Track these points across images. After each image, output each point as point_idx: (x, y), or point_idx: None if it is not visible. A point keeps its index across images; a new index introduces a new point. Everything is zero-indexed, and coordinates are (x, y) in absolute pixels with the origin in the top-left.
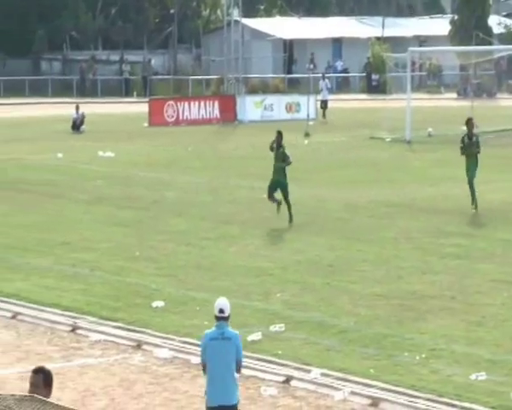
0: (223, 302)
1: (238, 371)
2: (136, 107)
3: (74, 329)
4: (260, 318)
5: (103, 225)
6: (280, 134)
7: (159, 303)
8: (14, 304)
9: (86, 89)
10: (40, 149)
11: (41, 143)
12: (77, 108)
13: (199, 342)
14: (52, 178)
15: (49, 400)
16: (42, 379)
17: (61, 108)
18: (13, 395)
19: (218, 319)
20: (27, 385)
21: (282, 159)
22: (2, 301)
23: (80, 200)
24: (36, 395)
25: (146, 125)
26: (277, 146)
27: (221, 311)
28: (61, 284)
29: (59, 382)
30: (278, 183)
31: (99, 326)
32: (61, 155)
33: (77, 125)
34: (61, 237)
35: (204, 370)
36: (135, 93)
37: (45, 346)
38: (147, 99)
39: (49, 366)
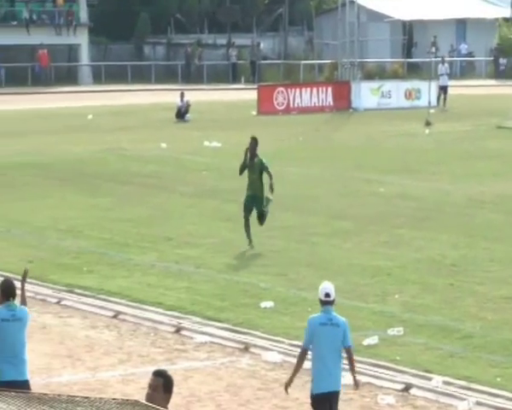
0: (328, 286)
1: (351, 360)
2: (244, 94)
3: (178, 330)
4: (377, 321)
5: (208, 220)
6: (255, 140)
7: (267, 303)
8: (116, 303)
9: (191, 75)
10: (143, 139)
11: (144, 132)
12: (181, 95)
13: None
14: (155, 170)
15: (151, 405)
16: (161, 383)
17: (165, 96)
18: (114, 399)
19: (323, 303)
20: (129, 388)
21: (259, 170)
22: (104, 300)
23: (184, 193)
24: (139, 400)
25: (254, 113)
26: (251, 155)
27: (327, 295)
28: (165, 282)
29: None
30: (255, 198)
31: (204, 327)
32: (165, 145)
33: (181, 113)
34: (164, 232)
35: (303, 354)
36: (243, 79)
37: (148, 347)
38: (255, 86)
39: (151, 368)
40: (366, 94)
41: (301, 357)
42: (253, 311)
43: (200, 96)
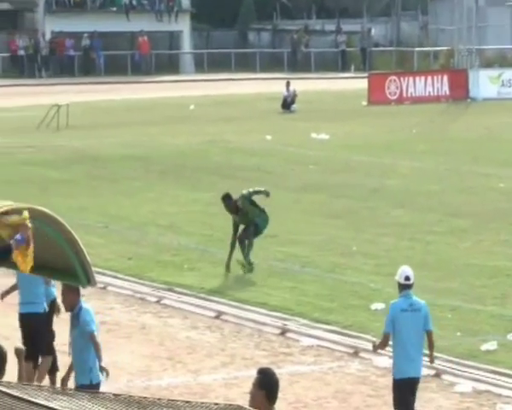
0: (408, 269)
1: (431, 344)
2: (354, 83)
3: (284, 332)
4: (496, 325)
5: (315, 216)
6: (227, 198)
7: (378, 305)
8: (218, 302)
9: (298, 63)
10: (246, 131)
11: (248, 123)
12: (287, 84)
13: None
14: (259, 163)
15: None
16: (257, 379)
17: (270, 85)
18: (217, 404)
19: (403, 287)
20: (232, 393)
21: (250, 218)
22: (206, 299)
23: (290, 187)
24: (242, 406)
25: (364, 103)
26: (235, 211)
27: (407, 278)
28: (269, 281)
29: None
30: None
31: (311, 330)
32: (270, 137)
33: (287, 103)
34: (269, 228)
35: (384, 341)
36: (352, 67)
37: (252, 350)
38: (366, 74)
39: (255, 372)
40: (485, 83)
41: (384, 343)
42: (363, 313)
43: (307, 85)
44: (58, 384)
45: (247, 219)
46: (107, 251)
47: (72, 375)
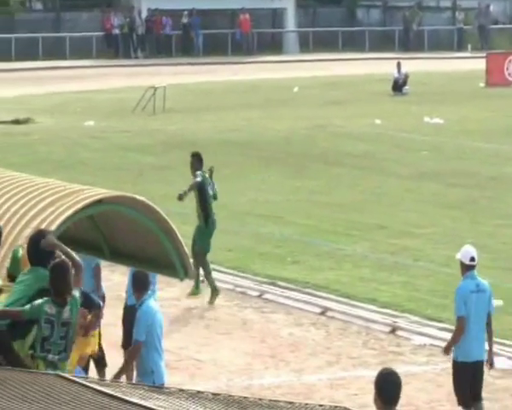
0: (472, 249)
1: (490, 324)
2: (471, 63)
3: (394, 330)
4: None
5: (428, 206)
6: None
7: (496, 302)
8: (323, 298)
9: (410, 42)
10: (354, 114)
11: (355, 106)
12: (398, 65)
13: None
14: (368, 149)
15: None
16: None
17: (380, 65)
18: (321, 405)
19: (468, 267)
20: (338, 394)
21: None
22: (310, 294)
23: (401, 175)
24: (349, 408)
25: (482, 85)
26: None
27: (472, 259)
28: (378, 276)
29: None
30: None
31: (423, 328)
32: (379, 121)
33: (398, 85)
34: (378, 219)
35: (461, 326)
36: (469, 46)
37: (360, 349)
38: (484, 53)
39: (363, 372)
40: None
41: (461, 329)
42: None
43: (419, 65)
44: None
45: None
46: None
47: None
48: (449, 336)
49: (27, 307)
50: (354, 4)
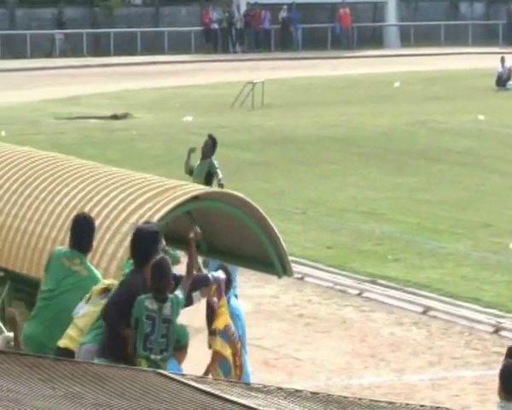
0: None
1: None
2: None
3: (497, 330)
4: None
5: None
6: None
7: None
8: (425, 297)
9: None
10: (457, 110)
11: (458, 102)
12: (502, 59)
13: None
14: (471, 145)
15: None
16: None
17: (484, 60)
18: (423, 406)
19: None
20: (440, 395)
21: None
22: (411, 293)
23: (505, 172)
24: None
25: None
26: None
27: None
28: (482, 275)
29: (478, 393)
30: None
31: None
32: (483, 116)
33: (502, 80)
34: (482, 217)
35: None
36: None
37: (462, 349)
38: None
39: (465, 373)
40: None
41: None
42: None
43: None
44: None
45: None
46: (304, 239)
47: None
48: None
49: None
50: None
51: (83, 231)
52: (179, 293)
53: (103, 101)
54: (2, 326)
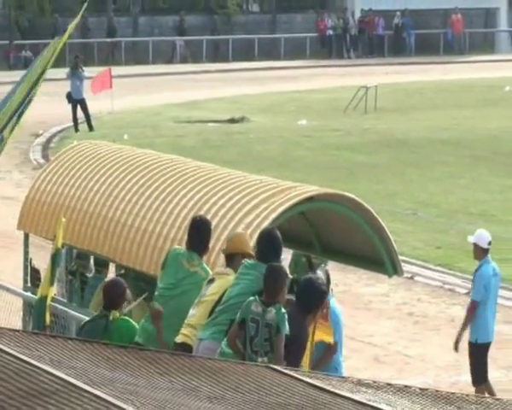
0: (487, 233)
1: None
2: None
3: None
4: None
5: None
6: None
7: None
8: None
9: None
10: None
11: None
12: None
13: None
14: None
15: None
16: None
17: None
18: None
19: (486, 252)
20: None
21: None
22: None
23: None
24: None
25: None
26: None
27: (490, 243)
28: None
29: None
30: None
31: None
32: None
33: None
34: None
35: (473, 310)
36: None
37: None
38: None
39: None
40: None
41: (474, 312)
42: None
43: None
44: None
45: None
46: (414, 239)
47: None
48: None
49: (238, 314)
50: None
51: (200, 233)
52: (281, 307)
53: (221, 105)
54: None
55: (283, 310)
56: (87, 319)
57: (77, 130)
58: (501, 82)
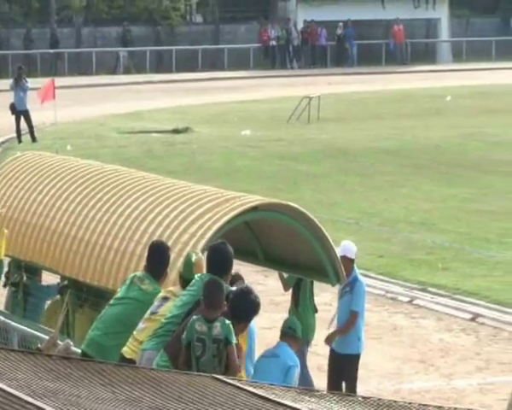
0: (352, 243)
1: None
2: None
3: None
4: None
5: None
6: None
7: None
8: (474, 304)
9: None
10: (508, 123)
11: (509, 115)
12: None
13: None
14: None
15: None
16: None
17: None
18: None
19: (353, 263)
20: (487, 399)
21: None
22: (460, 301)
23: None
24: None
25: None
26: None
27: (355, 253)
28: None
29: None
30: None
31: None
32: None
33: None
34: None
35: (355, 319)
36: None
37: (510, 355)
38: None
39: (508, 378)
40: None
41: (355, 322)
42: None
43: None
44: None
45: None
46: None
47: None
48: None
49: (183, 335)
50: (509, 13)
51: (155, 257)
52: (226, 320)
53: (165, 116)
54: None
55: (227, 322)
56: (29, 330)
57: (20, 141)
58: (442, 92)
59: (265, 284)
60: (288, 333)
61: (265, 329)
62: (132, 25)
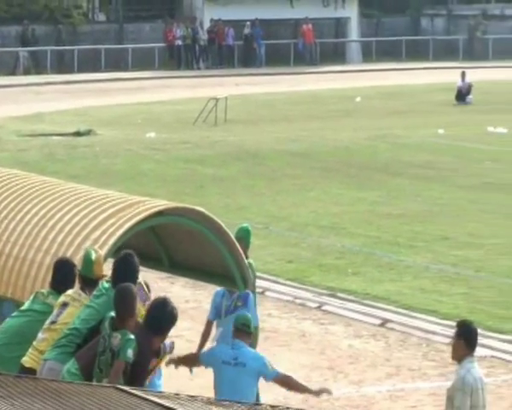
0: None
1: None
2: None
3: None
4: None
5: (491, 217)
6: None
7: None
8: (383, 309)
9: (474, 51)
10: (417, 124)
11: (418, 116)
12: (462, 74)
13: None
14: (430, 159)
15: None
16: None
17: (444, 75)
18: None
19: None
20: (397, 406)
21: None
22: (370, 306)
23: (464, 186)
24: None
25: None
26: None
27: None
28: (439, 287)
29: (435, 404)
30: None
31: (484, 339)
32: (442, 131)
33: (462, 94)
34: (440, 230)
35: None
36: None
37: (420, 360)
38: None
39: (423, 384)
40: None
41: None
42: None
43: (484, 74)
44: None
45: None
46: (265, 253)
47: None
48: (511, 347)
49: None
50: (418, 13)
51: (61, 276)
52: (131, 335)
53: (66, 118)
54: None
55: (130, 336)
56: None
57: None
58: (352, 92)
59: (171, 291)
60: (242, 330)
61: (172, 337)
62: (33, 24)
